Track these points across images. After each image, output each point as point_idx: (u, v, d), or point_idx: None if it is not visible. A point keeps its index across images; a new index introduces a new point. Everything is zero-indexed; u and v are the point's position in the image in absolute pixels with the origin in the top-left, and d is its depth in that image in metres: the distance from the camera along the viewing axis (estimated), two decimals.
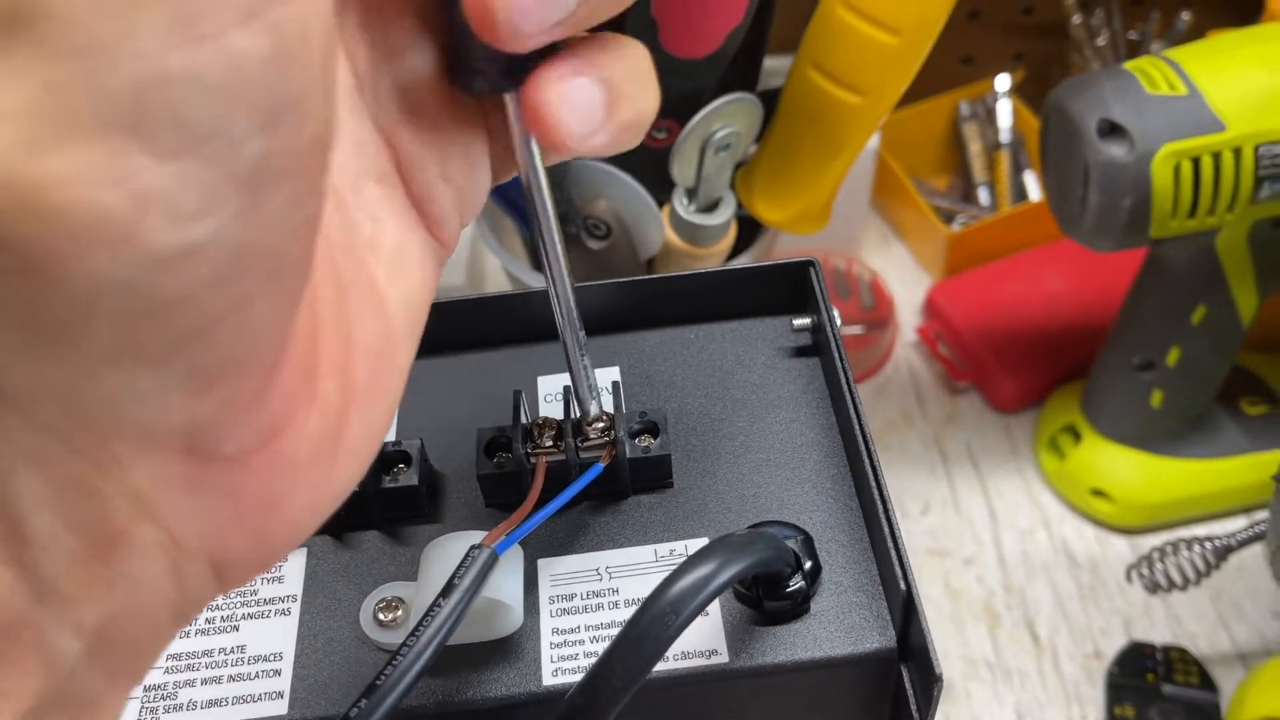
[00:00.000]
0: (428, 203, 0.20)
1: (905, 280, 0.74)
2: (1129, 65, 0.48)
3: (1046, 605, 0.58)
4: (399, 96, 0.19)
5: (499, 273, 0.71)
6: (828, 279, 0.73)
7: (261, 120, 0.12)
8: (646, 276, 0.35)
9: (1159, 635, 0.56)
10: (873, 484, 0.29)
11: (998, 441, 0.66)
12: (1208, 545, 0.49)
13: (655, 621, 0.26)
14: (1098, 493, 0.60)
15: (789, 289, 0.36)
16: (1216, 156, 0.46)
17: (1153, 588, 0.51)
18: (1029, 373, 0.66)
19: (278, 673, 0.29)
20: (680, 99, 0.45)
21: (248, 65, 0.12)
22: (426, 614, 0.25)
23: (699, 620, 0.29)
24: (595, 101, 0.19)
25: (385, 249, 0.19)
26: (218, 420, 0.15)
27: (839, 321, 0.34)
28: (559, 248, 0.25)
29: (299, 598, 0.31)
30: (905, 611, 0.28)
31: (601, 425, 0.31)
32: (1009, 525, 0.62)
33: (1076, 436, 0.62)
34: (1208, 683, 0.53)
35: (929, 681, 0.26)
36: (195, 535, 0.16)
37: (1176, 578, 0.50)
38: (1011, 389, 0.66)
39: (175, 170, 0.12)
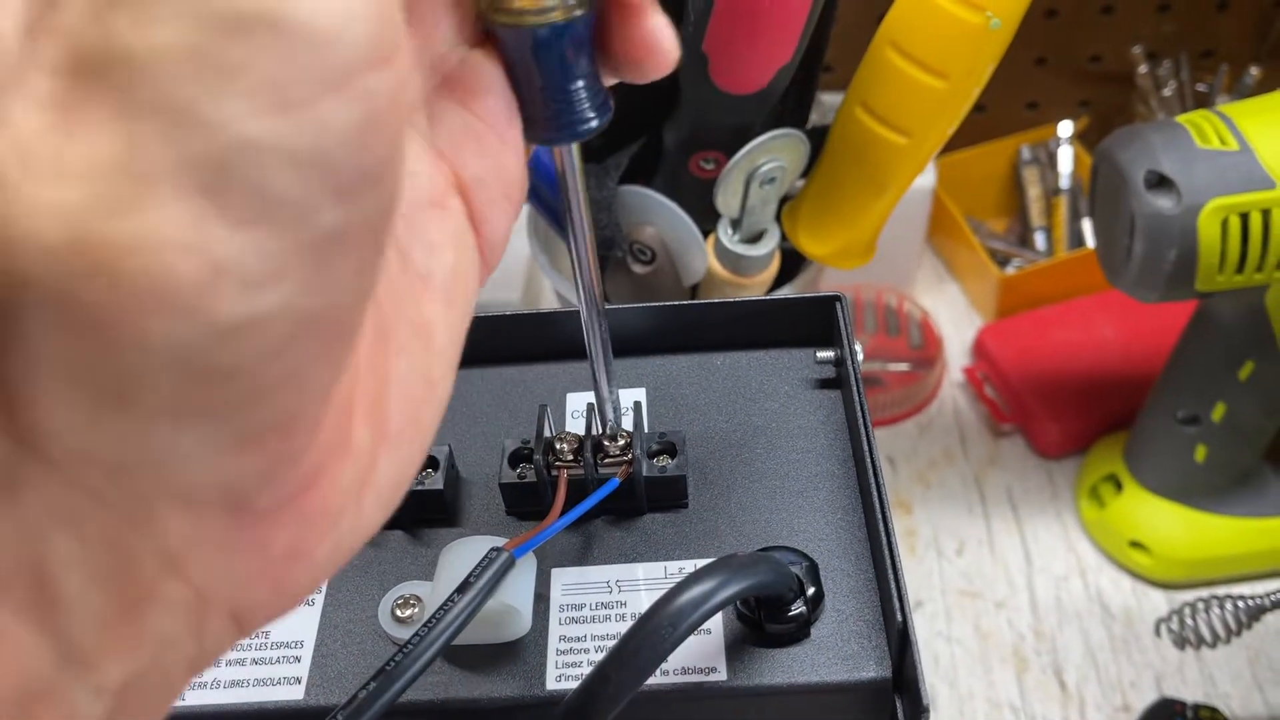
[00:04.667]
0: (485, 222, 0.19)
1: (956, 320, 0.75)
2: (1181, 118, 0.48)
3: (1076, 654, 0.58)
4: (459, 118, 0.19)
5: (552, 294, 0.73)
6: (879, 315, 0.73)
7: (341, 190, 0.12)
8: (676, 303, 0.36)
9: (1191, 693, 0.56)
10: (879, 517, 0.30)
11: (1038, 486, 0.65)
12: (1240, 604, 0.48)
13: (653, 633, 0.27)
14: (1136, 545, 0.60)
15: (816, 322, 0.37)
16: (1266, 213, 0.46)
17: (1181, 643, 0.50)
18: (1074, 419, 0.65)
19: (297, 659, 0.31)
20: (729, 132, 0.47)
21: (335, 135, 0.12)
22: (441, 607, 0.27)
23: (700, 637, 0.30)
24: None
25: (439, 276, 0.18)
26: (252, 479, 0.14)
27: (861, 356, 0.34)
28: (591, 264, 0.27)
29: (323, 590, 0.32)
30: (901, 643, 0.28)
31: (621, 443, 0.32)
32: (1044, 571, 0.61)
33: (1118, 486, 0.61)
34: None
35: (917, 712, 0.27)
36: (221, 590, 0.15)
37: (1206, 634, 0.49)
38: (1055, 434, 0.65)
39: (249, 239, 0.11)
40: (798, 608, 0.30)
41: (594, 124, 0.20)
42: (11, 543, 0.13)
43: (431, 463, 0.33)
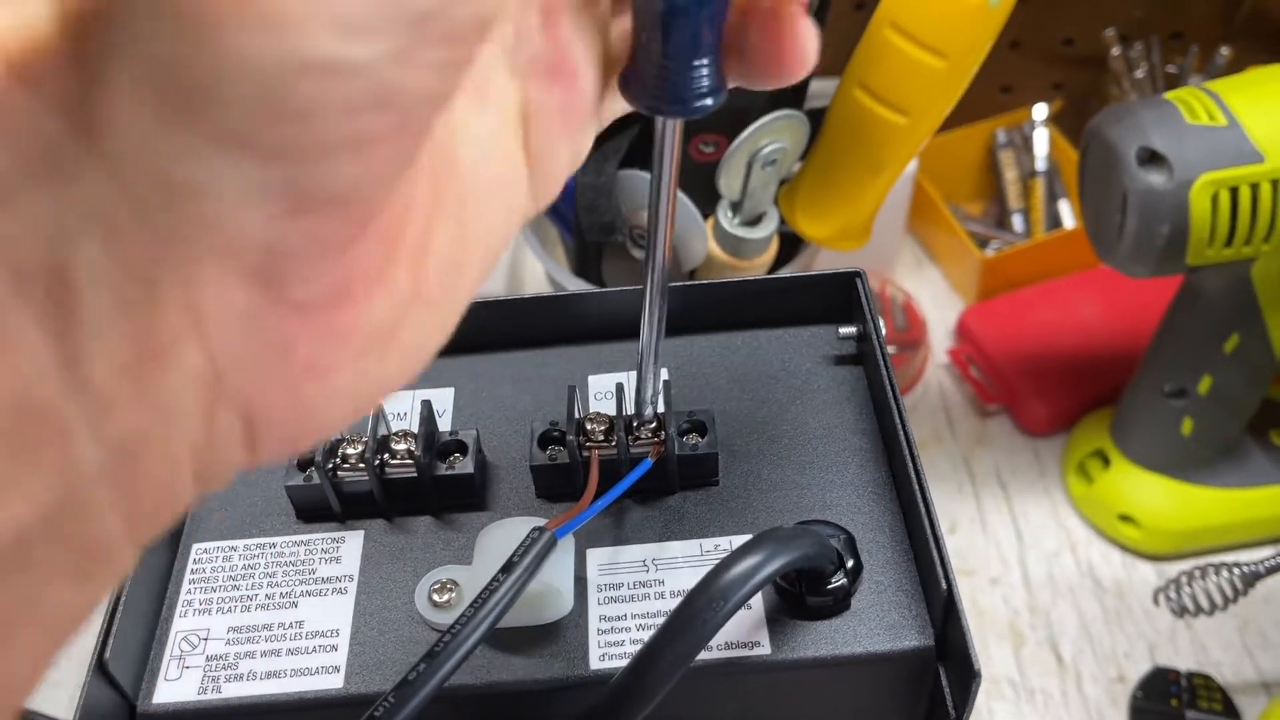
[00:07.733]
0: (540, 156, 0.20)
1: (938, 303, 0.75)
2: (1170, 95, 0.49)
3: (1071, 627, 0.59)
4: (548, 51, 0.19)
5: (538, 279, 0.72)
6: None
7: None
8: (696, 282, 0.36)
9: (1184, 662, 0.57)
10: (915, 487, 0.30)
11: (1026, 464, 0.66)
12: (1235, 571, 0.49)
13: (703, 608, 0.27)
14: (1125, 518, 0.61)
15: (834, 299, 0.37)
16: (1255, 187, 0.47)
17: (1180, 611, 0.51)
18: (1058, 397, 0.66)
19: (334, 648, 0.30)
20: (730, 115, 0.47)
21: None
22: (486, 587, 0.27)
23: (742, 612, 0.30)
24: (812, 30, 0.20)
25: (484, 179, 0.19)
26: (296, 250, 0.15)
27: (884, 331, 0.35)
28: (667, 242, 0.26)
29: (355, 578, 0.32)
30: (946, 611, 0.28)
31: (652, 423, 0.32)
32: (1035, 547, 0.62)
33: (1105, 462, 0.62)
34: (1231, 710, 0.53)
35: (967, 678, 0.27)
36: (238, 374, 0.16)
37: (1204, 602, 0.50)
38: (1041, 413, 0.66)
39: None
40: (838, 580, 0.30)
41: (709, 102, 0.20)
42: (43, 233, 0.13)
43: (460, 447, 0.33)
